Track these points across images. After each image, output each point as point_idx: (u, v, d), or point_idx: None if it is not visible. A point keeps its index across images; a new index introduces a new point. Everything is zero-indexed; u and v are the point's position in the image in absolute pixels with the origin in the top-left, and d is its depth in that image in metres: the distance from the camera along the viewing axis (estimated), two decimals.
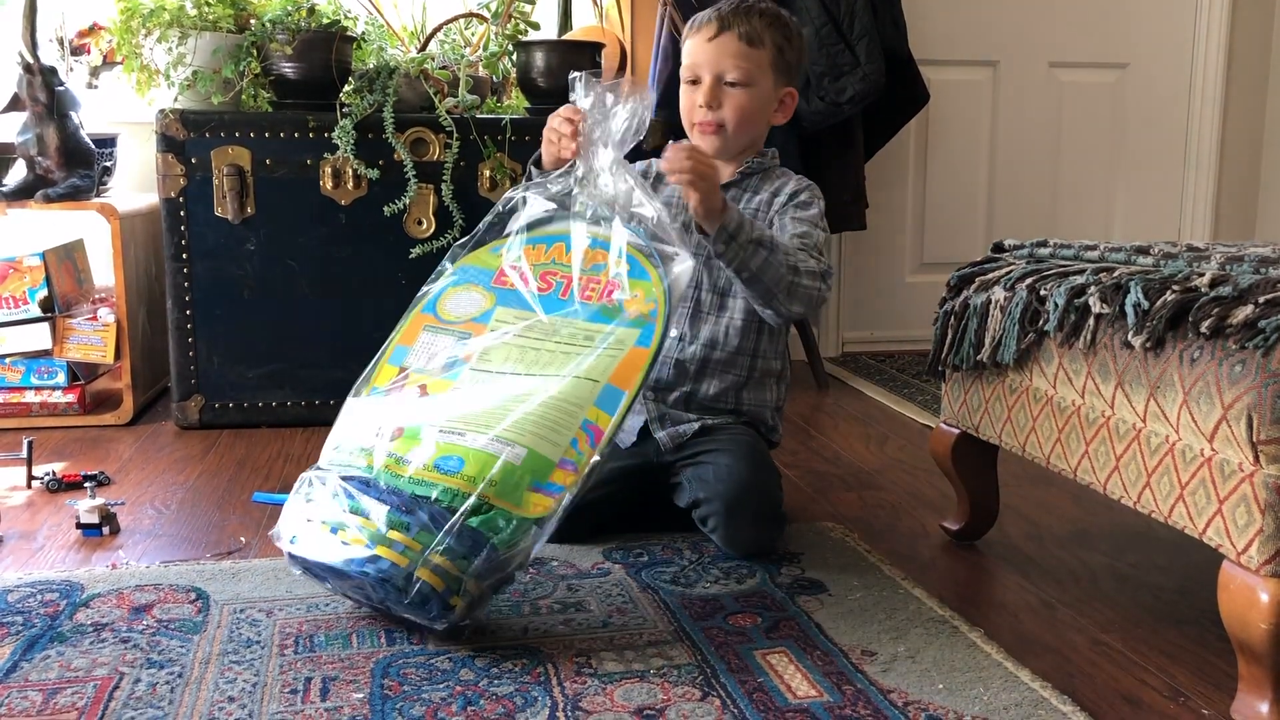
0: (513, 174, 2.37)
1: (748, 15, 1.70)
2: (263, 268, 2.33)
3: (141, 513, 1.80)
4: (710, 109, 1.69)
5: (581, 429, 1.32)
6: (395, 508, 1.28)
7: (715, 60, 1.69)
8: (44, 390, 2.34)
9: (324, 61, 2.30)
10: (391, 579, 1.24)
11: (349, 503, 1.31)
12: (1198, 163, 3.45)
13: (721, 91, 1.69)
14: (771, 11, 1.73)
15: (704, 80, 1.70)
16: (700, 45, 1.71)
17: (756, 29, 1.69)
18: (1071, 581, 1.56)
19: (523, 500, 1.28)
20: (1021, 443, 1.50)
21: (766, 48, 1.70)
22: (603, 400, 1.35)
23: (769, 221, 1.71)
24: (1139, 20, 3.36)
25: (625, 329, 1.41)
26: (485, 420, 1.33)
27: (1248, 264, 1.24)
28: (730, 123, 1.70)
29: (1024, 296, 1.44)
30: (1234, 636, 1.14)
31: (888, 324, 3.32)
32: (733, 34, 1.68)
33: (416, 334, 1.50)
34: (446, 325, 1.50)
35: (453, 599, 1.25)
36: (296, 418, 2.38)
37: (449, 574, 1.24)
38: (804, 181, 1.75)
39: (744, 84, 1.69)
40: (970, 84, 3.30)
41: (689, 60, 1.72)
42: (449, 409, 1.37)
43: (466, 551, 1.25)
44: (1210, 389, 1.12)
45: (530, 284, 1.49)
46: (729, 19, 1.69)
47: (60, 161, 2.31)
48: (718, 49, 1.69)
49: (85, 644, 1.31)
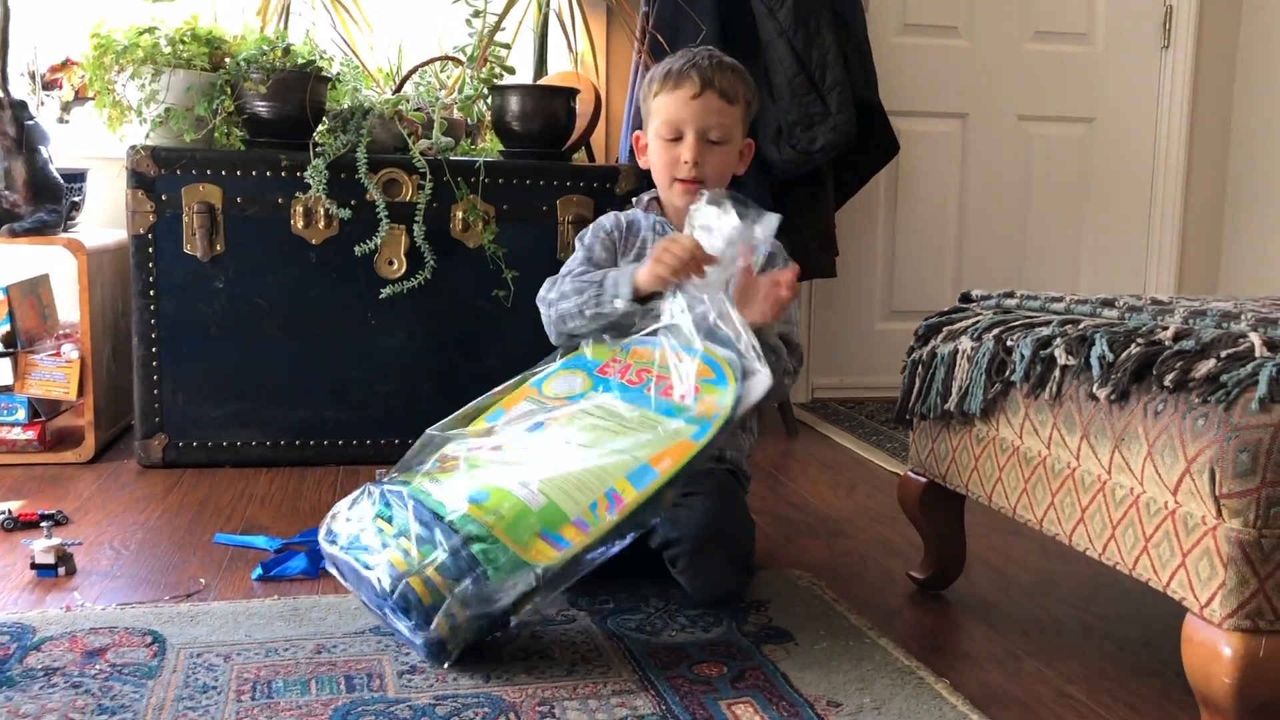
0: (485, 216, 2.37)
1: (723, 70, 1.70)
2: (230, 306, 2.31)
3: (99, 553, 1.77)
4: (695, 166, 1.70)
5: (605, 495, 1.36)
6: (417, 519, 1.34)
7: (699, 118, 1.69)
8: (3, 427, 2.30)
9: (298, 101, 2.30)
10: (385, 579, 1.31)
11: (381, 508, 1.40)
12: (1162, 216, 3.51)
13: (706, 148, 1.70)
14: (738, 65, 1.74)
15: (687, 137, 1.70)
16: (682, 102, 1.70)
17: (732, 84, 1.70)
18: (1037, 632, 1.56)
19: (527, 543, 1.32)
20: (988, 492, 1.50)
21: (740, 103, 1.72)
22: (635, 475, 1.39)
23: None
24: (1105, 76, 3.43)
25: (685, 424, 1.45)
26: (525, 471, 1.40)
27: (1210, 318, 1.26)
28: (710, 179, 1.72)
29: (991, 347, 1.45)
30: (1197, 690, 1.14)
31: (857, 370, 3.33)
32: (714, 91, 1.69)
33: (518, 402, 1.58)
34: (542, 400, 1.57)
35: (436, 616, 1.29)
36: (261, 457, 2.35)
37: (437, 590, 1.29)
38: (777, 244, 1.76)
39: (724, 141, 1.71)
40: (940, 135, 3.35)
41: (668, 116, 1.72)
42: (501, 454, 1.45)
43: (459, 574, 1.29)
44: (1174, 442, 1.13)
45: (625, 375, 1.55)
46: (709, 76, 1.69)
47: (28, 195, 2.29)
48: (702, 107, 1.69)
49: (35, 689, 1.27)
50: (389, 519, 1.37)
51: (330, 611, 1.52)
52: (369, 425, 2.39)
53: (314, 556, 1.69)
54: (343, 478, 2.27)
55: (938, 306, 1.70)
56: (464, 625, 1.31)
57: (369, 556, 1.35)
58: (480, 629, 1.34)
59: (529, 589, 1.31)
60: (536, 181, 2.42)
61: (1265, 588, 1.08)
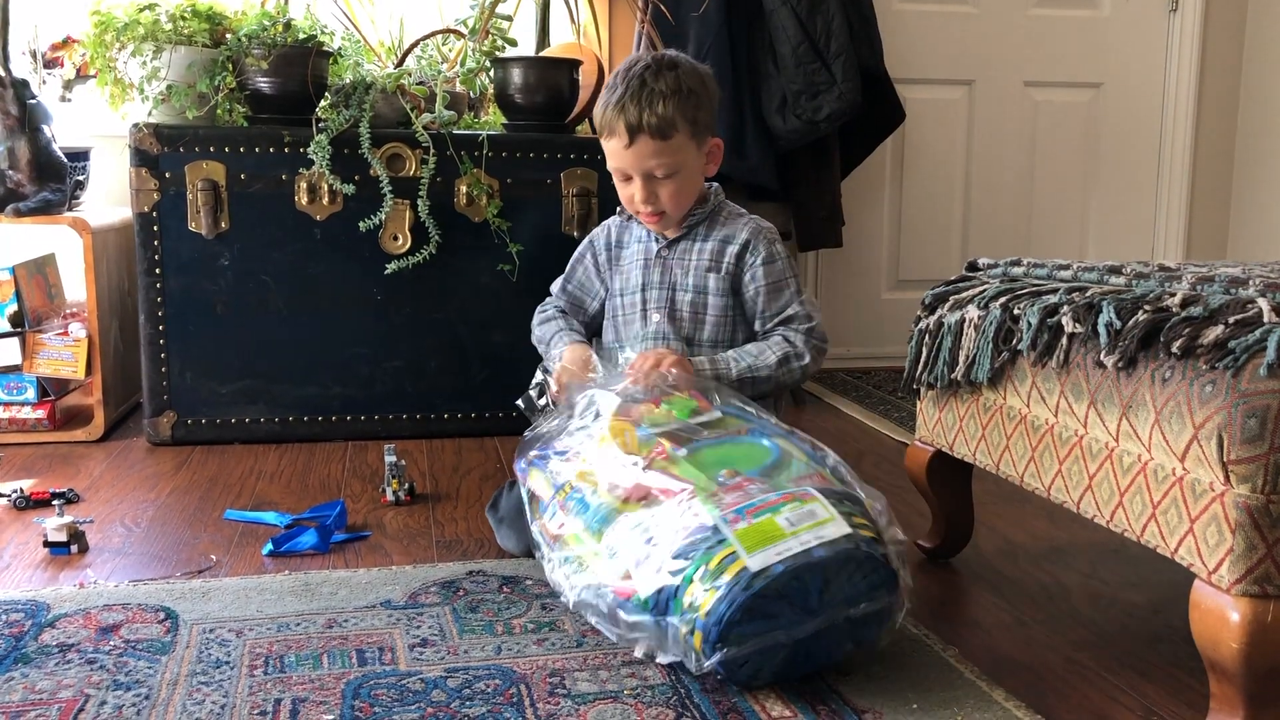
0: (489, 189, 2.36)
1: (651, 104, 1.64)
2: (236, 283, 2.31)
3: (111, 530, 1.78)
4: (647, 203, 1.70)
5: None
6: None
7: (638, 163, 1.67)
8: (13, 406, 2.31)
9: (300, 76, 2.29)
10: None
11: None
12: (1170, 182, 3.49)
13: (655, 185, 1.69)
14: (669, 83, 1.65)
15: (635, 180, 1.69)
16: (619, 152, 1.68)
17: (665, 117, 1.64)
18: (1045, 599, 1.57)
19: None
20: (996, 461, 1.50)
21: (680, 130, 1.66)
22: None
23: (732, 276, 1.73)
24: (1112, 40, 3.40)
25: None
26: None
27: (1218, 284, 1.25)
28: (670, 207, 1.72)
29: (998, 315, 1.44)
30: (1205, 655, 1.14)
31: (864, 340, 3.33)
32: (645, 135, 1.64)
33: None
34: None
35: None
36: (269, 434, 2.36)
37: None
38: (755, 226, 1.76)
39: (673, 174, 1.69)
40: (946, 103, 3.32)
41: (614, 163, 1.71)
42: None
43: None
44: (1181, 409, 1.13)
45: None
46: (636, 120, 1.64)
47: (31, 175, 2.28)
48: (636, 155, 1.67)
49: (50, 665, 1.29)
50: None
51: (341, 586, 1.53)
52: (376, 401, 2.40)
53: (324, 532, 1.70)
54: (351, 453, 2.28)
55: (944, 275, 1.69)
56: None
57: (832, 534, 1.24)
58: None
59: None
60: (540, 154, 2.41)
61: (1273, 553, 1.08)
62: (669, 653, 1.26)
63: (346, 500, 1.92)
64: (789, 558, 1.21)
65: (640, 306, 1.78)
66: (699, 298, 1.75)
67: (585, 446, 1.46)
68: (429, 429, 2.42)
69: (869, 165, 3.10)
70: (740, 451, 1.39)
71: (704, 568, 1.22)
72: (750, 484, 1.32)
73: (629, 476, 1.37)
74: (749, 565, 1.20)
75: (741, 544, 1.22)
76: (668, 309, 1.76)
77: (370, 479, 2.09)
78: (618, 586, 1.29)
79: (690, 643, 1.22)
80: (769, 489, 1.30)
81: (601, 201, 2.42)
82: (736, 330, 1.76)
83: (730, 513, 1.26)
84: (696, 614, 1.20)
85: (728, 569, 1.21)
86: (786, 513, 1.25)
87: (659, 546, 1.27)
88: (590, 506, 1.38)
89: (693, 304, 1.75)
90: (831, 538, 1.23)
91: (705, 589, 1.20)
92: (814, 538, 1.23)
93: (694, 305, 1.75)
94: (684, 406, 1.47)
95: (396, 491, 1.93)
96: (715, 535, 1.24)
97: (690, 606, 1.21)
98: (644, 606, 1.26)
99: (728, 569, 1.21)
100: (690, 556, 1.24)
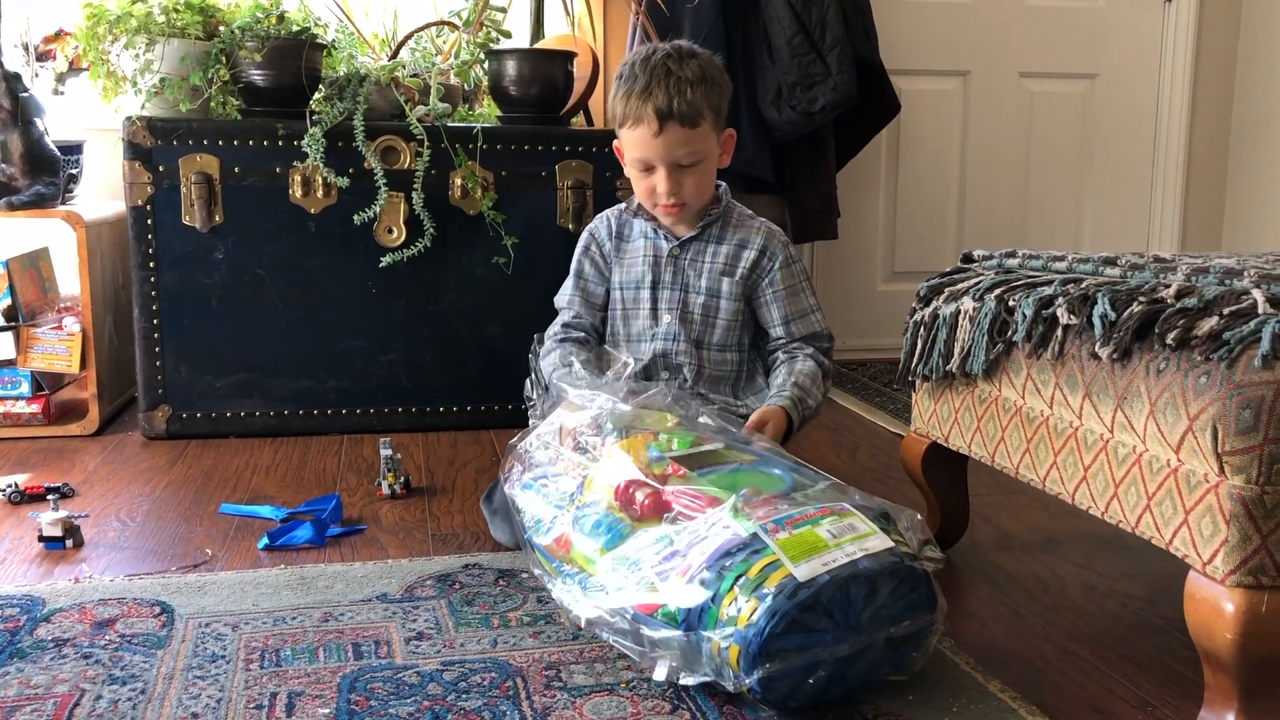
0: (484, 182, 2.36)
1: (680, 91, 1.63)
2: (231, 277, 2.31)
3: (106, 525, 1.78)
4: (671, 194, 1.69)
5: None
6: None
7: (666, 153, 1.66)
8: (7, 400, 2.30)
9: (294, 69, 2.28)
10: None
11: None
12: (1165, 173, 3.49)
13: (680, 175, 1.68)
14: (694, 71, 1.65)
15: (659, 170, 1.67)
16: (645, 140, 1.66)
17: (693, 104, 1.63)
18: (1041, 590, 1.57)
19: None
20: (991, 452, 1.50)
21: (706, 118, 1.66)
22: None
23: (746, 281, 1.74)
24: (1108, 31, 3.40)
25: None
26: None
27: (1213, 276, 1.25)
28: (691, 199, 1.71)
29: (993, 307, 1.44)
30: (1200, 646, 1.14)
31: (859, 332, 3.33)
32: (675, 122, 1.63)
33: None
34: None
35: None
36: (265, 428, 2.35)
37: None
38: (769, 231, 1.77)
39: (697, 162, 1.68)
40: (941, 94, 3.32)
41: (636, 153, 1.68)
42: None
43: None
44: (1176, 400, 1.13)
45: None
46: (666, 107, 1.62)
47: (24, 169, 2.28)
48: (666, 143, 1.65)
49: (46, 660, 1.28)
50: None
51: (337, 580, 1.53)
52: (371, 394, 2.39)
53: (319, 526, 1.70)
54: (347, 446, 2.27)
55: (940, 267, 1.70)
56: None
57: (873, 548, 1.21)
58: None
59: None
60: (535, 147, 2.40)
61: (1267, 544, 1.08)
62: (697, 672, 1.19)
63: (342, 494, 1.92)
64: (835, 568, 1.16)
65: (650, 304, 1.78)
66: (711, 300, 1.75)
67: (590, 469, 1.41)
68: (424, 422, 2.42)
69: (864, 157, 3.10)
70: (753, 478, 1.35)
71: (744, 576, 1.16)
72: (778, 500, 1.28)
73: (646, 489, 1.32)
74: (795, 574, 1.14)
75: (785, 553, 1.17)
76: (679, 310, 1.76)
77: (366, 472, 2.08)
78: (639, 601, 1.22)
79: (725, 657, 1.15)
80: (801, 503, 1.27)
81: (596, 194, 2.42)
82: (744, 334, 1.78)
83: (769, 523, 1.22)
84: (735, 625, 1.14)
85: (770, 578, 1.15)
86: (827, 525, 1.22)
87: (688, 558, 1.21)
88: (603, 524, 1.33)
89: (705, 306, 1.75)
90: (876, 550, 1.20)
91: (746, 599, 1.14)
92: (858, 549, 1.19)
93: (706, 308, 1.75)
94: (684, 439, 1.43)
95: (392, 485, 1.93)
96: (755, 544, 1.19)
97: (728, 619, 1.15)
98: (672, 620, 1.19)
99: (770, 578, 1.15)
100: (727, 566, 1.18)
